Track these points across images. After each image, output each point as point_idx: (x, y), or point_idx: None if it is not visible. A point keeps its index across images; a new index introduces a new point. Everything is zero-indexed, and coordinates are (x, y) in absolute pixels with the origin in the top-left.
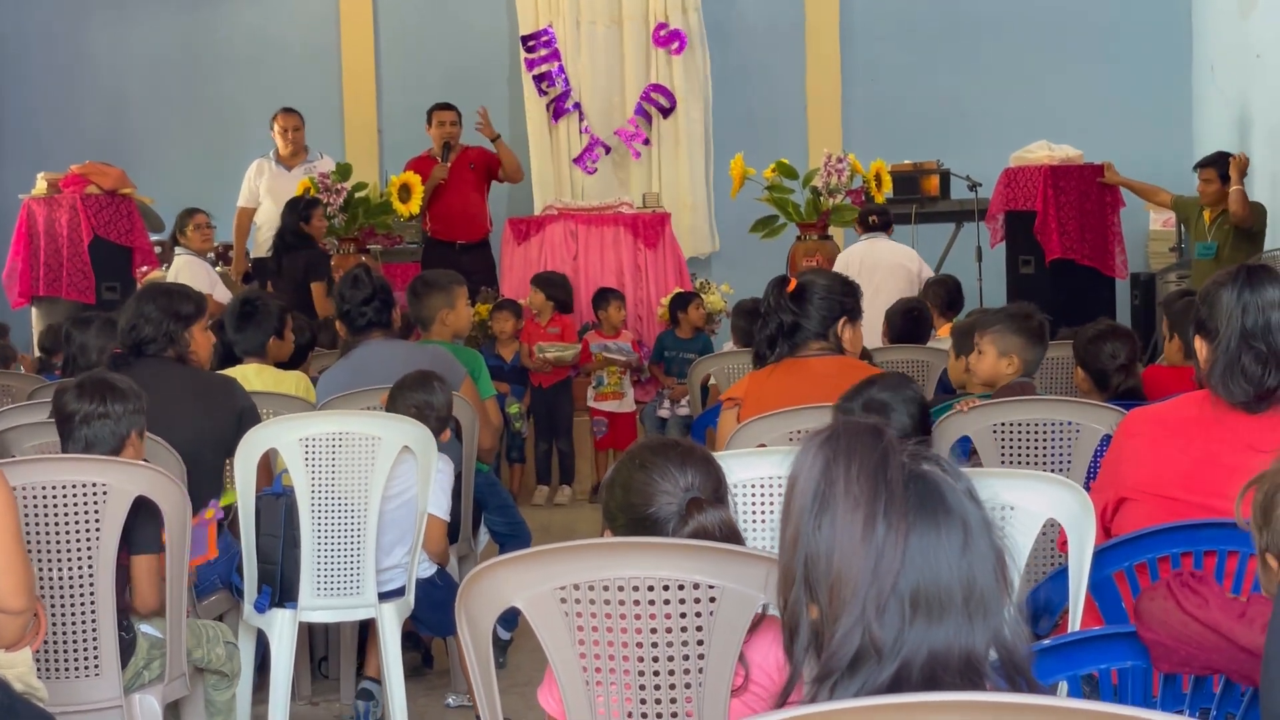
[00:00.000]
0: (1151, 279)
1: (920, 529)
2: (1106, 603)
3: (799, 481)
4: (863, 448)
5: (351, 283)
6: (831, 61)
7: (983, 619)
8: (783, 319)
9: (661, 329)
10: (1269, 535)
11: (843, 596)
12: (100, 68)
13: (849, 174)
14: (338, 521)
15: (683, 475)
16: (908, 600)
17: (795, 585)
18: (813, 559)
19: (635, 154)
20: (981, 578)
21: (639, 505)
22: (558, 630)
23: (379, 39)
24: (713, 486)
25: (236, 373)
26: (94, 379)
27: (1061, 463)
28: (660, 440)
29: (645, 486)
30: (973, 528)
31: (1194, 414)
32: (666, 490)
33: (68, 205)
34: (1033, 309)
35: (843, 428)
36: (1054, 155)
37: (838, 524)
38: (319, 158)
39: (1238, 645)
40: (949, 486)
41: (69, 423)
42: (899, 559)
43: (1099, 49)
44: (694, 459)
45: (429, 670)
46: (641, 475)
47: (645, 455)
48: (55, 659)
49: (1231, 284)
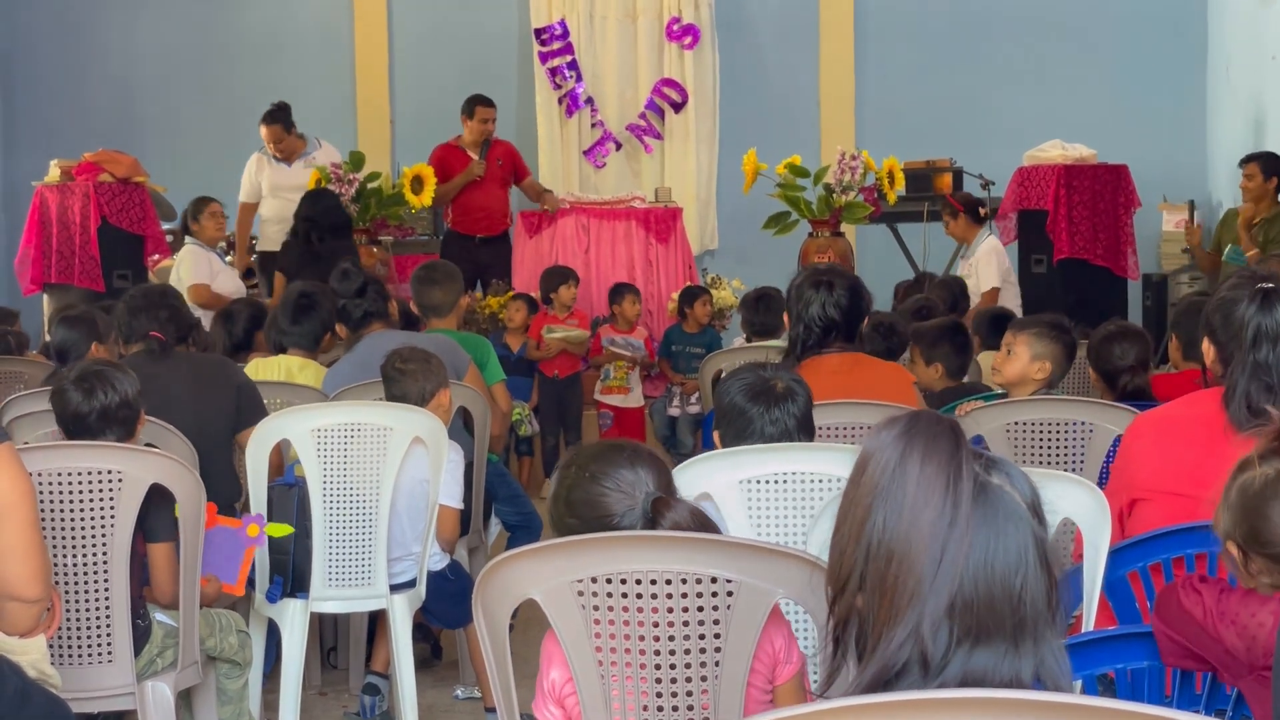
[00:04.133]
0: (1164, 280)
1: (981, 544)
2: (1121, 603)
3: (869, 470)
4: (939, 449)
5: (341, 277)
6: (845, 58)
7: (1031, 645)
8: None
9: (671, 324)
10: (1228, 518)
11: (897, 603)
12: (113, 56)
13: (862, 171)
14: (349, 512)
15: (636, 476)
16: (959, 616)
17: (854, 575)
18: (874, 554)
19: (648, 149)
20: (1032, 602)
21: (601, 517)
22: (575, 623)
23: (392, 29)
24: (665, 481)
25: (278, 363)
26: (92, 372)
27: (1075, 462)
28: (599, 446)
29: (601, 498)
30: (1029, 549)
31: (1201, 411)
32: (625, 495)
33: (80, 193)
34: (1068, 323)
35: (922, 421)
36: (1067, 155)
37: (904, 525)
38: (318, 146)
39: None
40: (1013, 501)
41: (84, 421)
42: (959, 573)
43: (1114, 48)
44: (641, 458)
45: (438, 662)
46: (595, 487)
47: (592, 465)
48: (69, 646)
49: (1248, 303)
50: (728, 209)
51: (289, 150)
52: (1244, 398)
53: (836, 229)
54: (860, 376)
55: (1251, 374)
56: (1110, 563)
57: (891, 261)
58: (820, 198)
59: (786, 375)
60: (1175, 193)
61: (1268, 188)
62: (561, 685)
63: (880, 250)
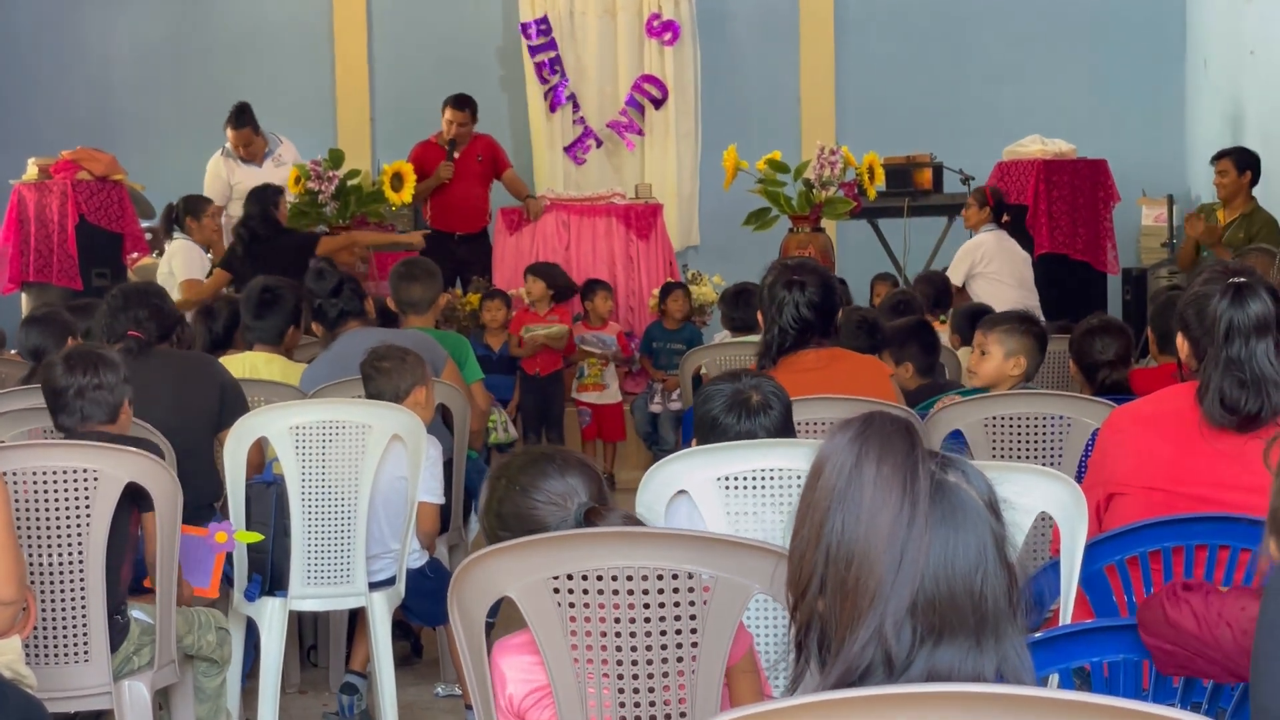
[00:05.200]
0: (1143, 274)
1: (940, 541)
2: (1098, 596)
3: (824, 474)
4: (894, 449)
5: (317, 276)
6: (825, 53)
7: (993, 642)
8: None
9: (652, 321)
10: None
11: (859, 605)
12: (91, 53)
13: (842, 166)
14: (328, 510)
15: (565, 486)
16: (921, 614)
17: (814, 579)
18: (834, 558)
19: (629, 145)
20: (993, 598)
21: (532, 530)
22: (550, 620)
23: (372, 25)
24: (596, 489)
25: (244, 360)
26: (80, 352)
27: (1053, 457)
28: (527, 457)
29: (532, 510)
30: (988, 546)
31: (1177, 407)
32: (555, 505)
33: (58, 191)
34: (1034, 315)
35: (875, 423)
36: (1047, 149)
37: (862, 527)
38: (279, 143)
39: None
40: (970, 499)
41: (62, 396)
42: (919, 572)
43: (1093, 43)
44: (571, 466)
45: (418, 660)
46: (524, 499)
47: (520, 477)
48: (45, 645)
49: (1221, 298)
50: (710, 205)
51: (256, 151)
52: (1217, 393)
53: (817, 225)
54: (838, 371)
55: (1224, 369)
56: (1087, 557)
57: (872, 257)
58: (800, 193)
59: (765, 385)
60: (1154, 187)
61: (1241, 183)
62: (520, 700)
63: (861, 245)
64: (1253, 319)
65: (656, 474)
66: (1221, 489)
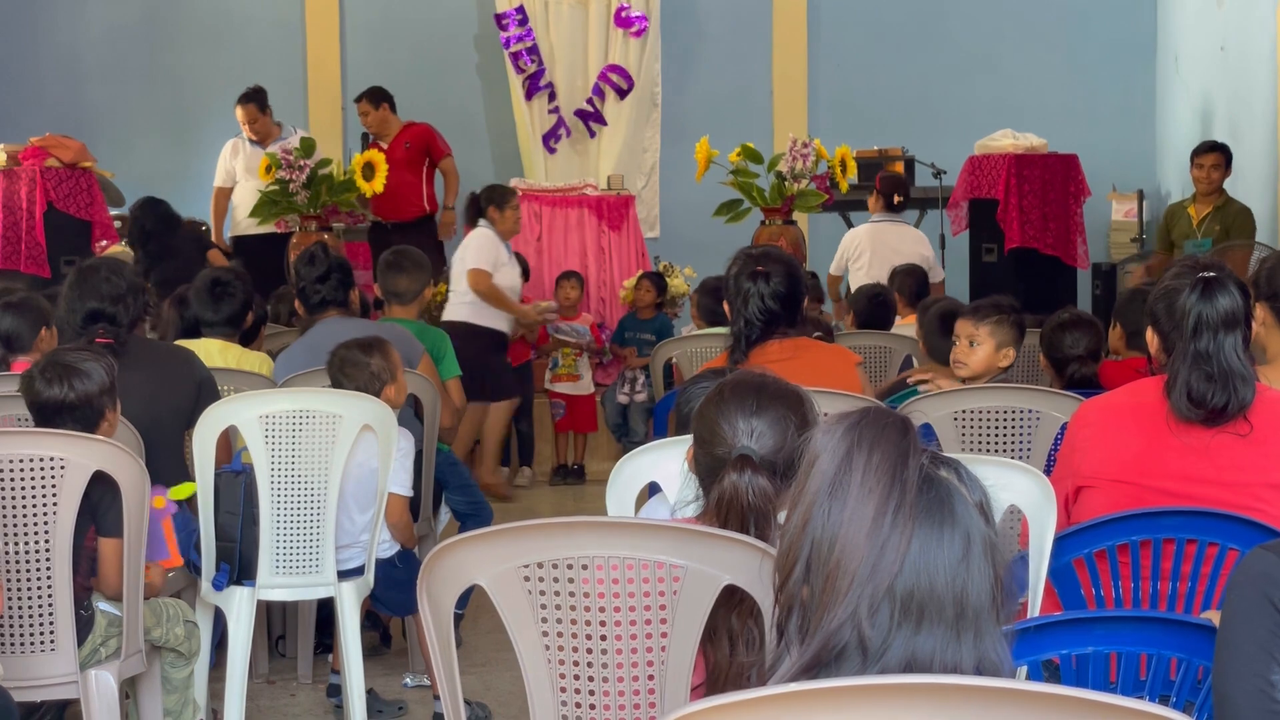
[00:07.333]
0: (1113, 269)
1: (924, 533)
2: (1066, 589)
3: (818, 463)
4: (886, 441)
5: (307, 260)
6: (798, 47)
7: (972, 637)
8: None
9: (624, 311)
10: None
11: (838, 587)
12: (60, 38)
13: (814, 159)
14: (297, 500)
15: (746, 424)
16: (899, 603)
17: (798, 564)
18: (818, 542)
19: (591, 133)
20: (975, 595)
21: (710, 443)
22: (521, 609)
23: (344, 12)
24: (776, 443)
25: (199, 347)
26: (59, 363)
27: (1022, 450)
28: (748, 378)
29: (714, 429)
30: (975, 543)
31: (1145, 400)
32: (725, 437)
33: (27, 178)
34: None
35: (870, 416)
36: (1018, 144)
37: (847, 512)
38: (292, 133)
39: None
40: (960, 496)
41: (44, 411)
42: (900, 559)
43: (1065, 39)
44: (767, 407)
45: (387, 650)
46: (713, 413)
47: (725, 392)
48: (11, 634)
49: (1189, 292)
50: (676, 197)
51: (263, 133)
52: (1185, 387)
53: (788, 217)
54: (804, 361)
55: (1192, 363)
56: (1055, 550)
57: None
58: (773, 185)
59: None
60: (1124, 182)
61: (1226, 176)
62: None
63: (832, 238)
64: (1221, 313)
65: (626, 465)
66: (1189, 482)
